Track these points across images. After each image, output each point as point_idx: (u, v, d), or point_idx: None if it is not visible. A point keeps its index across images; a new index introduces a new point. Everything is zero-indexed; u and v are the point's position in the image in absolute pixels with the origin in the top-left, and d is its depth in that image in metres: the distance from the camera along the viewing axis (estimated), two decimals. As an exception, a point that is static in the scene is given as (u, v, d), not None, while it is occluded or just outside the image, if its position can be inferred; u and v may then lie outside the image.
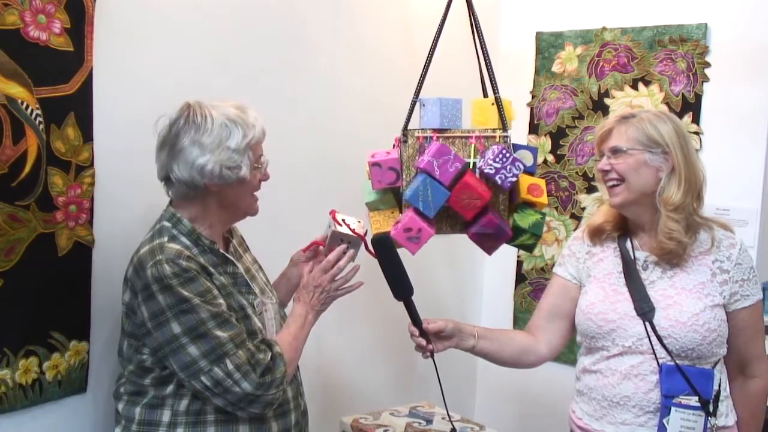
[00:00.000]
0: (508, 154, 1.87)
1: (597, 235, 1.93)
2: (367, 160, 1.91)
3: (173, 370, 1.58)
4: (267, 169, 1.75)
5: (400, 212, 1.93)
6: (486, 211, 1.91)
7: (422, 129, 1.93)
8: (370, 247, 1.84)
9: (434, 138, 1.91)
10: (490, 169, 1.85)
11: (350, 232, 1.83)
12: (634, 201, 1.82)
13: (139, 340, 1.61)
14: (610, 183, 1.83)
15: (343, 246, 1.82)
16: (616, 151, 1.80)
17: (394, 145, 1.99)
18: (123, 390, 1.67)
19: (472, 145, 1.92)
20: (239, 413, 1.61)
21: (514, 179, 1.88)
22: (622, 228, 1.91)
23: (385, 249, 1.76)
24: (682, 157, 1.77)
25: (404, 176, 1.91)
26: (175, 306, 1.54)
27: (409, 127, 1.94)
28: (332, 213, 1.87)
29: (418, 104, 1.97)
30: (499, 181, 1.86)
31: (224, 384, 1.55)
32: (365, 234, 1.89)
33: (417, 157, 1.89)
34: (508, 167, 1.88)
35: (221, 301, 1.60)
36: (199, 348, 1.54)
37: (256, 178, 1.71)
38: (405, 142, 1.91)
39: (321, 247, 1.90)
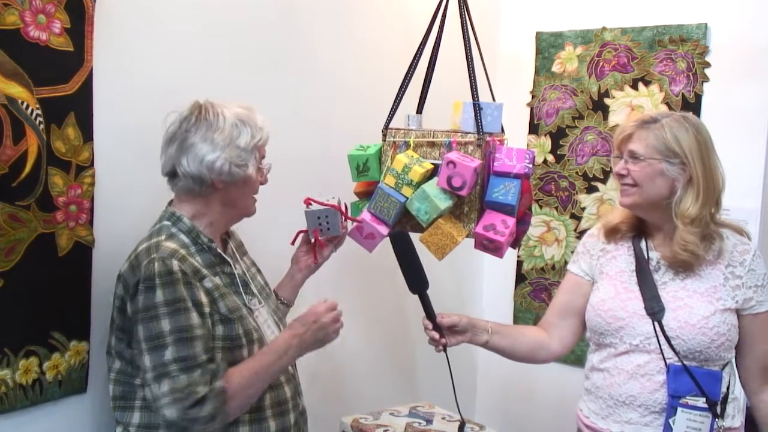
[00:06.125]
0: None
1: (612, 234, 1.93)
2: (459, 163, 1.87)
3: None
4: (267, 173, 1.77)
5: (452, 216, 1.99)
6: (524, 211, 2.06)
7: (488, 133, 1.99)
8: (349, 214, 1.95)
9: (495, 142, 1.98)
10: (529, 170, 1.95)
11: (321, 207, 1.89)
12: (644, 206, 1.81)
13: (128, 334, 1.62)
14: (624, 186, 1.82)
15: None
16: (634, 156, 1.79)
17: (451, 148, 1.95)
18: (112, 394, 1.66)
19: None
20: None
21: None
22: (638, 228, 1.90)
23: (402, 244, 1.79)
24: (701, 168, 1.74)
25: (479, 180, 1.93)
26: (144, 311, 1.54)
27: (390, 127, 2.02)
28: (306, 201, 1.93)
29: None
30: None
31: (156, 403, 1.54)
32: (345, 208, 1.97)
33: (484, 161, 1.92)
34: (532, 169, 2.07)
35: (194, 314, 1.56)
36: (151, 360, 1.54)
37: (258, 180, 1.74)
38: (480, 145, 1.92)
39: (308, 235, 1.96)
